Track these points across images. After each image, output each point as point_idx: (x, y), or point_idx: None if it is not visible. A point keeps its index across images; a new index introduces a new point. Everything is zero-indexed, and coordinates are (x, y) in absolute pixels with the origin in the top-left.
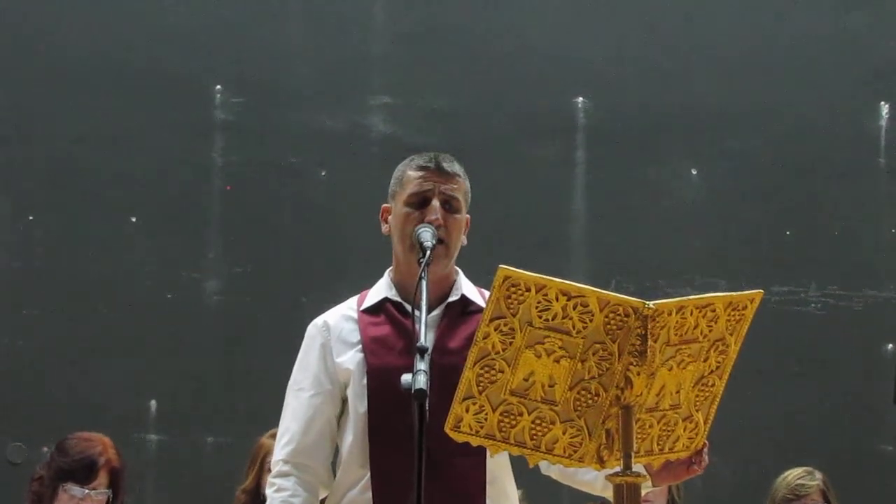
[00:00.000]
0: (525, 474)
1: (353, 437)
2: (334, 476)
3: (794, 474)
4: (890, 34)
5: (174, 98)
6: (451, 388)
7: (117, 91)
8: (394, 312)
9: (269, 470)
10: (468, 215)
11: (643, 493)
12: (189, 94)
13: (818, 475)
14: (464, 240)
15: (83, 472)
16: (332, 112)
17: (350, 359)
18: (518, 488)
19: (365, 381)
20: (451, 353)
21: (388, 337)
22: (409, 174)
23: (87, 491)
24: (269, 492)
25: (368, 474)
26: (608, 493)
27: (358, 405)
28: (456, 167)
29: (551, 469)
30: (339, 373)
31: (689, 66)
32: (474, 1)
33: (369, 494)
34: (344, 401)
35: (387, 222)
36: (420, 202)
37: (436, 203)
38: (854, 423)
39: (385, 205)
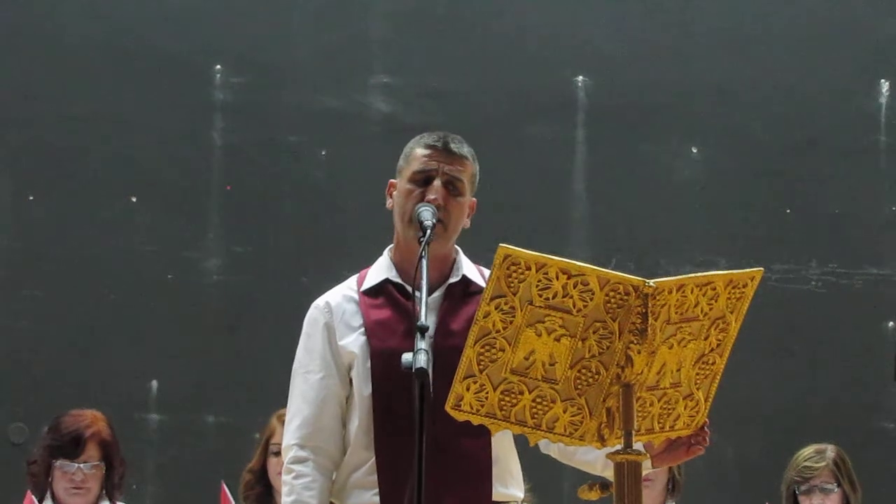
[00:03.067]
0: (525, 454)
1: (357, 420)
2: None
3: (803, 455)
4: (890, 11)
5: (174, 78)
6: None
7: (117, 71)
8: (395, 294)
9: (273, 452)
10: (475, 199)
11: (643, 472)
12: (189, 74)
13: (830, 454)
14: (466, 222)
15: (70, 446)
16: (333, 92)
17: (354, 342)
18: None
19: (369, 364)
20: (454, 335)
21: (391, 320)
22: (416, 151)
23: (77, 465)
24: (286, 478)
25: (374, 457)
26: (608, 473)
27: (363, 388)
28: (464, 149)
29: (551, 448)
30: (344, 355)
31: (688, 45)
32: None
33: (375, 477)
34: (351, 382)
35: (391, 197)
36: (423, 180)
37: (437, 183)
38: (855, 400)
39: (392, 180)
